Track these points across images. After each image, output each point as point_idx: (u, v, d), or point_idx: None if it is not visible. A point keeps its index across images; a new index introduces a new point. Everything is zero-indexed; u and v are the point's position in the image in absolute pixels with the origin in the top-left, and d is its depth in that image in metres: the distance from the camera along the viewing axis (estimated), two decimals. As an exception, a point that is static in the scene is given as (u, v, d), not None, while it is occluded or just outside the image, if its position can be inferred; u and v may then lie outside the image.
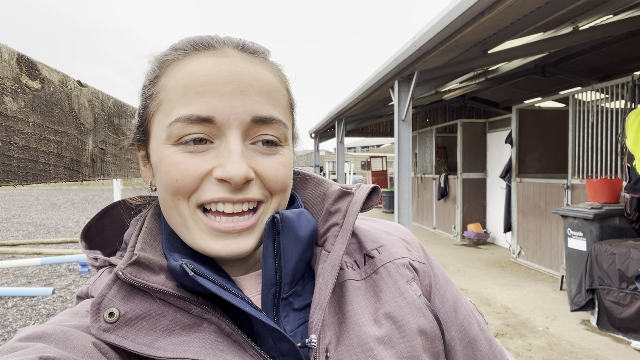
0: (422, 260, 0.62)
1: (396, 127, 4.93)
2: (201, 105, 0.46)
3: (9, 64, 0.44)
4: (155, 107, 0.50)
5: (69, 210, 15.13)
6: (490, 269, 5.78)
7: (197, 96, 0.47)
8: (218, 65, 0.48)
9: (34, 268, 6.25)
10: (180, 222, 0.49)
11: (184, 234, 0.50)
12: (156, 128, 0.50)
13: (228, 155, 0.46)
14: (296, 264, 0.51)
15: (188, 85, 0.47)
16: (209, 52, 0.49)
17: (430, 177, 9.50)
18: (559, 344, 3.38)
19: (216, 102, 0.46)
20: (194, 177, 0.47)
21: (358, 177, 18.77)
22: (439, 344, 0.54)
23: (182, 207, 0.48)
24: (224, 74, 0.47)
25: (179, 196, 0.48)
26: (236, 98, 0.47)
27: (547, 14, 3.33)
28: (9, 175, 0.45)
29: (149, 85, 0.52)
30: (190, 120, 0.46)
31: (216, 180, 0.47)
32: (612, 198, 4.15)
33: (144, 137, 0.53)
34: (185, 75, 0.48)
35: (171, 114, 0.48)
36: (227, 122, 0.47)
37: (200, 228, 0.48)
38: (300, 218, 0.53)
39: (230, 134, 0.47)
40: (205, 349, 0.43)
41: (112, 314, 0.42)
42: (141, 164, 0.57)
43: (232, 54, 0.49)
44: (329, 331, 0.49)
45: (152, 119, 0.51)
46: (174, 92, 0.48)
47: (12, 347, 0.39)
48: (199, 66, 0.48)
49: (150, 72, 0.52)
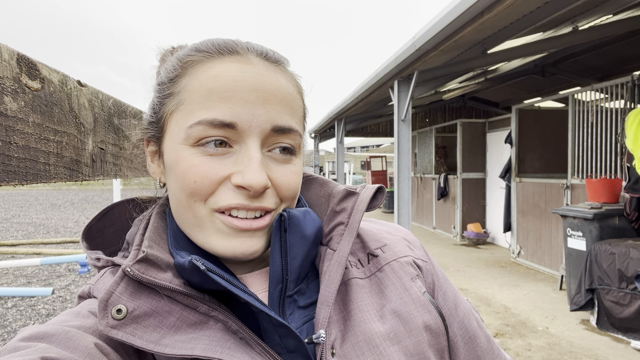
0: (425, 258, 0.63)
1: (396, 127, 4.93)
2: (225, 111, 0.47)
3: (9, 64, 0.44)
4: (175, 106, 0.50)
5: (68, 211, 15.13)
6: (489, 269, 5.79)
7: (221, 101, 0.47)
8: (243, 72, 0.48)
9: (33, 268, 6.25)
10: (194, 223, 0.49)
11: (196, 234, 0.50)
12: (174, 127, 0.50)
13: (248, 162, 0.47)
14: (302, 262, 0.52)
15: (213, 89, 0.48)
16: (233, 57, 0.50)
17: (429, 177, 9.50)
18: (558, 344, 3.38)
19: (239, 109, 0.47)
20: (212, 180, 0.47)
21: (358, 177, 18.77)
22: (443, 340, 0.55)
23: (199, 209, 0.48)
24: (248, 81, 0.48)
25: (196, 198, 0.48)
26: (259, 106, 0.48)
27: (546, 14, 3.33)
28: (9, 175, 0.45)
29: (168, 83, 0.52)
30: (212, 124, 0.47)
31: (234, 186, 0.48)
32: (611, 198, 4.15)
33: (159, 133, 0.53)
34: (210, 78, 0.48)
35: (192, 116, 0.48)
36: (249, 129, 0.48)
37: (218, 227, 0.49)
38: (306, 217, 0.54)
39: (251, 141, 0.48)
40: (213, 346, 0.43)
41: (120, 310, 0.43)
42: (149, 159, 0.57)
43: (256, 62, 0.50)
44: (334, 328, 0.50)
45: (170, 117, 0.51)
46: (197, 94, 0.48)
47: (14, 347, 0.39)
48: (224, 71, 0.48)
49: (170, 70, 0.52)
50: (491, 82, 7.68)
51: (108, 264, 0.51)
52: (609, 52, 6.27)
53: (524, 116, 6.19)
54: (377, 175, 15.36)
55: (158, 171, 0.56)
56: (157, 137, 0.54)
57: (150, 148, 0.56)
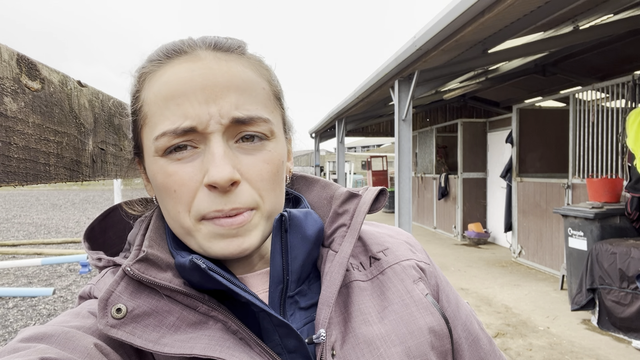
0: (427, 261, 0.63)
1: (396, 126, 4.93)
2: (181, 117, 0.47)
3: (9, 64, 0.44)
4: (142, 121, 0.51)
5: (69, 211, 15.14)
6: (490, 269, 5.78)
7: (177, 107, 0.47)
8: (191, 71, 0.48)
9: (34, 268, 6.25)
10: (183, 232, 0.50)
11: (189, 242, 0.50)
12: (146, 142, 0.51)
13: (211, 159, 0.46)
14: (303, 263, 0.51)
15: (166, 97, 0.47)
16: (182, 58, 0.49)
17: (430, 177, 9.50)
18: (559, 344, 3.37)
19: (195, 110, 0.46)
20: (190, 187, 0.47)
21: (358, 177, 18.77)
22: (447, 343, 0.55)
23: (184, 220, 0.48)
24: (197, 79, 0.47)
25: (179, 208, 0.48)
26: (212, 104, 0.47)
27: (547, 14, 3.32)
28: (9, 175, 0.44)
29: (133, 100, 0.52)
30: (175, 134, 0.47)
31: (207, 190, 0.47)
32: (612, 197, 4.15)
33: (139, 151, 0.54)
34: (162, 86, 0.48)
35: (156, 128, 0.48)
36: (208, 127, 0.47)
37: (204, 234, 0.48)
38: (307, 217, 0.53)
39: (213, 138, 0.47)
40: (212, 346, 0.43)
41: (120, 309, 0.43)
42: (143, 178, 0.58)
43: (204, 56, 0.49)
44: (334, 330, 0.49)
45: (142, 133, 0.52)
46: (155, 105, 0.49)
47: (14, 348, 0.39)
48: (173, 75, 0.48)
49: (132, 87, 0.53)
50: (492, 82, 7.68)
51: (109, 264, 0.51)
52: (609, 52, 6.26)
53: (524, 116, 6.18)
54: (377, 175, 15.35)
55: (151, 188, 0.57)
56: (140, 155, 0.55)
57: (141, 168, 0.57)
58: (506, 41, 4.23)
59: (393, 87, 5.17)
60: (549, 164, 6.26)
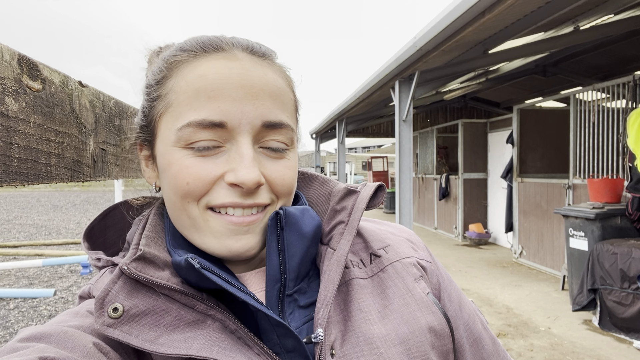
0: (429, 259, 0.62)
1: (397, 127, 4.93)
2: (213, 110, 0.46)
3: (10, 65, 0.44)
4: (164, 108, 0.50)
5: (70, 212, 15.15)
6: (491, 269, 5.78)
7: (208, 100, 0.47)
8: (229, 69, 0.48)
9: (35, 269, 6.26)
10: (189, 224, 0.49)
11: (192, 235, 0.50)
12: (164, 130, 0.50)
13: (240, 160, 0.47)
14: (301, 260, 0.51)
15: (200, 88, 0.47)
16: (219, 54, 0.49)
17: (431, 178, 9.49)
18: (560, 344, 3.37)
19: (228, 107, 0.47)
20: (205, 181, 0.47)
21: (359, 178, 18.76)
22: (448, 342, 0.54)
23: (192, 209, 0.48)
24: (235, 78, 0.47)
25: (189, 199, 0.48)
26: (247, 103, 0.47)
27: (547, 14, 3.32)
28: (10, 175, 0.45)
29: (155, 86, 0.51)
30: (202, 125, 0.46)
31: (227, 185, 0.47)
32: (613, 198, 4.14)
33: (150, 137, 0.53)
34: (196, 78, 0.48)
35: (181, 117, 0.47)
36: (239, 127, 0.47)
37: (211, 227, 0.48)
38: (304, 215, 0.53)
39: (242, 139, 0.47)
40: (209, 346, 0.42)
41: (116, 309, 0.42)
42: (143, 164, 0.57)
43: (242, 57, 0.49)
44: (334, 329, 0.49)
45: (160, 120, 0.51)
46: (184, 94, 0.48)
47: (13, 348, 0.39)
48: (209, 69, 0.48)
49: (157, 72, 0.52)
50: (492, 82, 7.68)
51: (108, 263, 0.51)
52: (610, 52, 6.26)
53: (525, 116, 6.18)
54: (378, 175, 15.35)
55: (153, 175, 0.55)
56: (149, 140, 0.53)
57: (144, 153, 0.56)
58: (507, 42, 4.23)
59: (393, 88, 5.17)
60: (549, 165, 6.26)
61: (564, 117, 5.67)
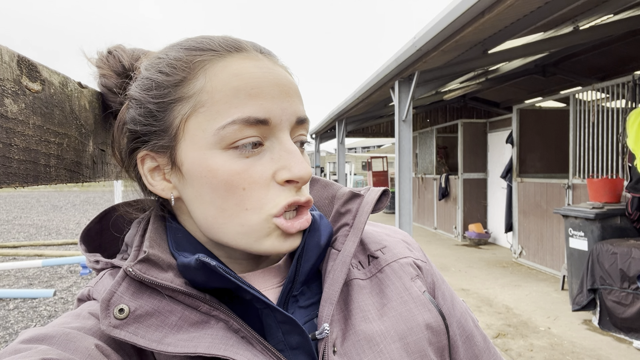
0: (424, 259, 0.64)
1: (397, 127, 4.93)
2: (256, 107, 0.46)
3: (9, 66, 0.44)
4: (191, 109, 0.47)
5: (70, 212, 15.15)
6: (491, 269, 5.78)
7: (250, 98, 0.46)
8: (259, 68, 0.48)
9: (35, 270, 6.26)
10: (241, 231, 0.47)
11: (238, 241, 0.48)
12: (195, 131, 0.47)
13: (290, 156, 0.47)
14: (312, 265, 0.52)
15: (239, 87, 0.46)
16: (242, 54, 0.49)
17: (431, 178, 9.49)
18: (560, 344, 3.37)
19: (269, 104, 0.47)
20: (261, 184, 0.47)
21: (359, 178, 18.77)
22: (443, 339, 0.55)
23: (250, 217, 0.47)
24: (268, 76, 0.48)
25: (247, 206, 0.46)
26: (284, 100, 0.48)
27: (547, 14, 3.33)
28: (10, 177, 0.45)
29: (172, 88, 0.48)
30: (247, 123, 0.46)
31: (280, 185, 0.47)
32: (613, 198, 4.15)
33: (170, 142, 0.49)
34: (232, 77, 0.47)
35: (221, 116, 0.46)
36: (280, 123, 0.48)
37: (269, 233, 0.48)
38: (322, 220, 0.54)
39: (283, 135, 0.48)
40: (216, 344, 0.43)
41: (122, 310, 0.43)
42: (149, 177, 0.51)
43: (261, 58, 0.50)
44: (335, 327, 0.50)
45: (186, 123, 0.48)
46: (220, 93, 0.46)
47: (15, 349, 0.39)
48: (242, 68, 0.48)
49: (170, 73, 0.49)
50: (492, 82, 7.68)
51: (107, 266, 0.51)
52: (609, 52, 6.26)
53: (525, 116, 6.19)
54: (378, 175, 15.35)
55: (168, 187, 0.51)
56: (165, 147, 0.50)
57: (149, 165, 0.51)
58: (506, 42, 4.23)
59: (393, 88, 5.17)
60: (549, 165, 6.27)
61: (564, 117, 5.67)
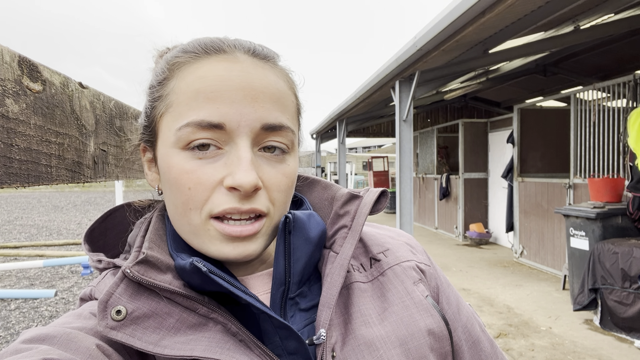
0: (427, 263, 0.63)
1: (397, 127, 4.92)
2: (212, 111, 0.46)
3: (10, 66, 0.44)
4: (164, 108, 0.50)
5: (71, 212, 15.16)
6: (492, 269, 5.77)
7: (207, 101, 0.46)
8: (229, 71, 0.48)
9: (36, 270, 6.26)
10: (189, 230, 0.49)
11: (191, 240, 0.50)
12: (165, 130, 0.50)
13: (238, 162, 0.46)
14: (305, 265, 0.51)
15: (199, 89, 0.47)
16: (220, 56, 0.49)
17: (431, 177, 9.49)
18: (562, 344, 3.37)
19: (227, 109, 0.46)
20: (206, 186, 0.47)
21: (359, 178, 18.76)
22: (446, 345, 0.54)
23: (193, 217, 0.48)
24: (235, 80, 0.47)
25: (191, 205, 0.47)
26: (247, 105, 0.47)
27: (548, 13, 3.32)
28: (11, 177, 0.45)
29: (157, 86, 0.51)
30: (200, 126, 0.46)
31: (226, 190, 0.47)
32: (614, 197, 4.14)
33: (152, 138, 0.53)
34: (196, 79, 0.48)
35: (181, 118, 0.47)
36: (238, 129, 0.47)
37: (212, 235, 0.48)
38: (310, 219, 0.53)
39: (240, 141, 0.47)
40: (212, 347, 0.43)
41: (120, 311, 0.43)
42: (146, 167, 0.56)
43: (243, 59, 0.49)
44: (335, 331, 0.49)
45: (161, 121, 0.51)
46: (184, 95, 0.48)
47: (16, 349, 0.39)
48: (210, 71, 0.48)
49: (159, 73, 0.52)
50: (493, 82, 7.67)
51: (109, 265, 0.51)
52: (610, 51, 6.25)
53: (525, 116, 6.18)
54: (379, 175, 15.34)
55: (156, 178, 0.55)
56: (151, 142, 0.53)
57: (147, 156, 0.56)
58: (507, 41, 4.23)
59: (394, 88, 5.17)
60: (550, 164, 6.26)
61: (565, 117, 5.67)
